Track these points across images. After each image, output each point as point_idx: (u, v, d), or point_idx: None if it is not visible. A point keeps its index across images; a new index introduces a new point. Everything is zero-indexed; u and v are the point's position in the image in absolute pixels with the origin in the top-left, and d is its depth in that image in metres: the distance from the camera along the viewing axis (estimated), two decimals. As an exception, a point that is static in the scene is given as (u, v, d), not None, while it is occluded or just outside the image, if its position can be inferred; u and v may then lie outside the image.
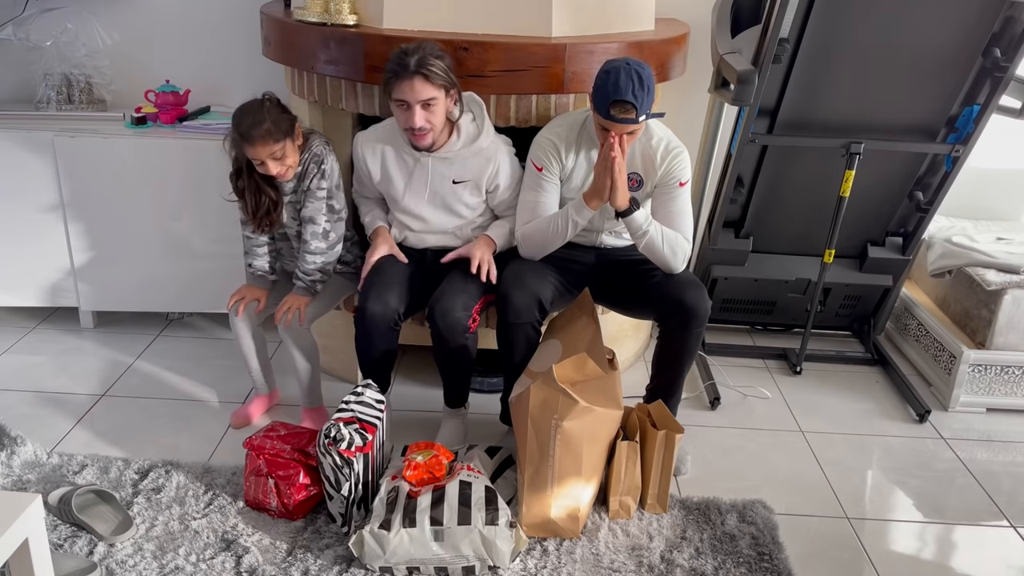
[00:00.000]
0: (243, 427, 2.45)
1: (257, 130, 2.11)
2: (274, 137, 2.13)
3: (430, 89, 2.09)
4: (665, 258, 2.19)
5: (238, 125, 2.13)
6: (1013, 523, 2.22)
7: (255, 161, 2.18)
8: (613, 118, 2.04)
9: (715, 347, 3.02)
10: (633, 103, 2.01)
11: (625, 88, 2.00)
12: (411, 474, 2.01)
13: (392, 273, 2.26)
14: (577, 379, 2.04)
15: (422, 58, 2.06)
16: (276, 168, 2.18)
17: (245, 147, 2.15)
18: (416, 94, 2.08)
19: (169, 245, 2.85)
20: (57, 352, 2.84)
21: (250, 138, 2.12)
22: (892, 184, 2.76)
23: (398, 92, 2.10)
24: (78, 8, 2.94)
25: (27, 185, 2.76)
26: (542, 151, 2.24)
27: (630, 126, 2.06)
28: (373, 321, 2.18)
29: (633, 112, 2.02)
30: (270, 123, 2.12)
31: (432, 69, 2.07)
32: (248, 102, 2.17)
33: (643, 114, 2.04)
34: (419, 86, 2.07)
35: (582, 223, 2.19)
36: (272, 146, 2.14)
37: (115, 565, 1.87)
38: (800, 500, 2.25)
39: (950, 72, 2.49)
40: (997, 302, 2.66)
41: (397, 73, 2.08)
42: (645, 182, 2.25)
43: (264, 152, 2.14)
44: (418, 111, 2.11)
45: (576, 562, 1.96)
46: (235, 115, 2.15)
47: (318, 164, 2.25)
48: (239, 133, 2.13)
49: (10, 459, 2.20)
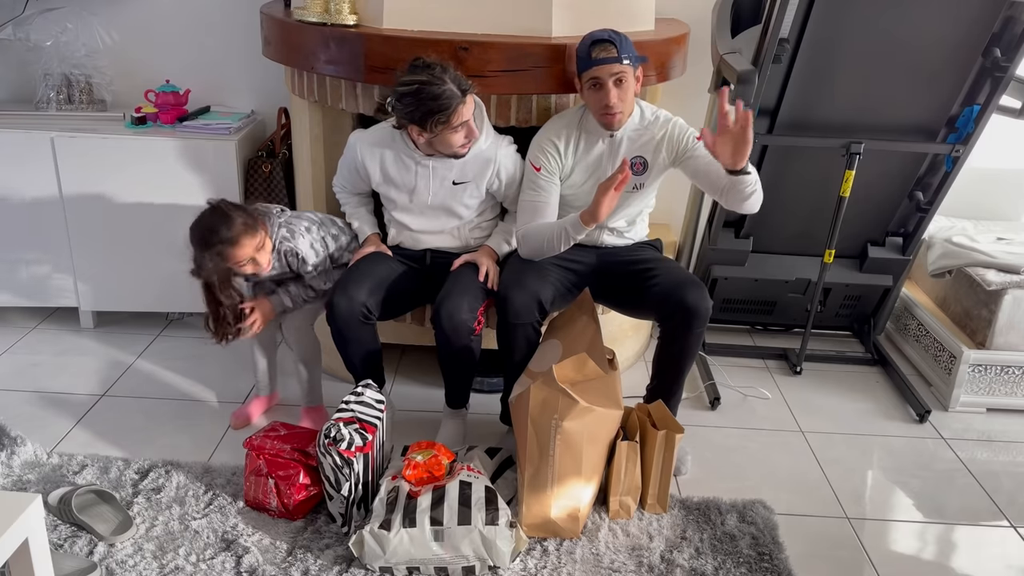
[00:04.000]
0: (243, 427, 2.45)
1: (235, 228, 2.07)
2: (252, 229, 2.11)
3: (473, 104, 2.15)
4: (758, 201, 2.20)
5: (216, 235, 2.06)
6: (1013, 523, 2.22)
7: (240, 264, 2.12)
8: (595, 60, 2.10)
9: (715, 347, 3.02)
10: (612, 40, 2.09)
11: (601, 32, 2.12)
12: (410, 473, 2.01)
13: (365, 270, 2.25)
14: (577, 379, 2.04)
15: (458, 76, 2.09)
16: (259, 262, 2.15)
17: (232, 252, 2.08)
18: (468, 112, 2.13)
19: (169, 245, 2.84)
20: (57, 352, 2.84)
21: (234, 241, 2.07)
22: (892, 184, 2.77)
23: (450, 121, 2.10)
24: (78, 8, 2.94)
25: (27, 185, 2.76)
26: (541, 151, 2.25)
27: (614, 67, 2.09)
28: (340, 316, 2.16)
29: (613, 51, 2.08)
30: (242, 217, 2.10)
31: (470, 87, 2.12)
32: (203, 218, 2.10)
33: (625, 54, 2.09)
34: (470, 104, 2.13)
35: (576, 239, 2.20)
36: (254, 237, 2.11)
37: (115, 565, 1.87)
38: (800, 500, 2.25)
39: (950, 72, 2.49)
40: (997, 302, 2.66)
41: (449, 100, 2.06)
42: (651, 164, 2.26)
43: (251, 247, 2.11)
44: (463, 130, 2.16)
45: (576, 562, 1.96)
46: (203, 232, 2.07)
47: (296, 256, 2.24)
48: (221, 241, 2.06)
49: (10, 459, 2.20)
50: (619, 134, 2.23)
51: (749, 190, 2.12)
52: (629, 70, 2.11)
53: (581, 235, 2.17)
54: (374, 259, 2.30)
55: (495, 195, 2.35)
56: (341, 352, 2.25)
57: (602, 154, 2.25)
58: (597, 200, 2.07)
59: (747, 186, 2.10)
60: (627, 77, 2.12)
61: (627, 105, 2.17)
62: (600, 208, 2.07)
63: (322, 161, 2.63)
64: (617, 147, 2.24)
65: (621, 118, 2.18)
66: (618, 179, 2.04)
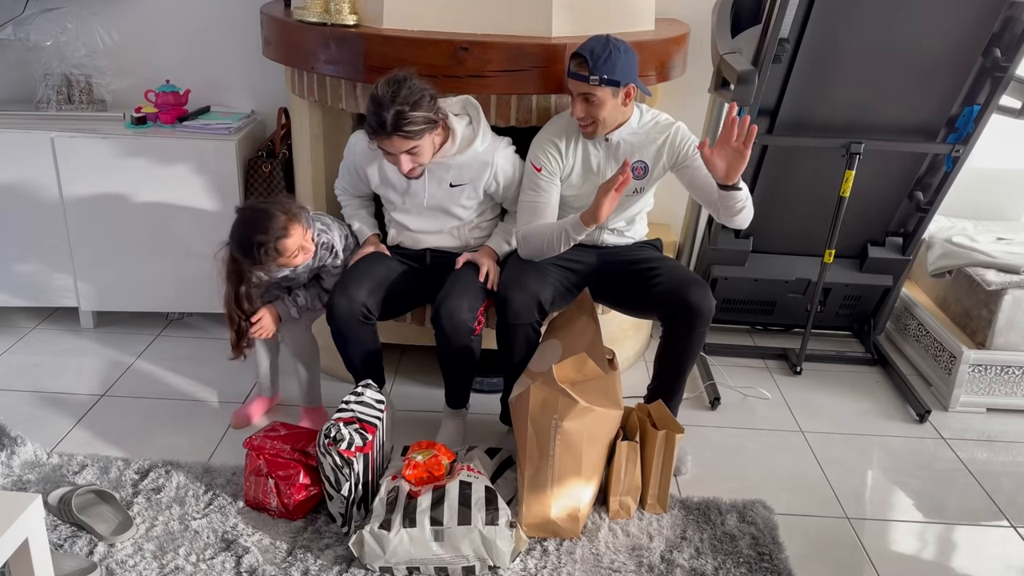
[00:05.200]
0: (243, 427, 2.45)
1: (280, 221, 2.07)
2: (296, 218, 2.12)
3: (409, 142, 2.09)
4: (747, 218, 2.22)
5: (267, 232, 2.06)
6: (1013, 523, 2.22)
7: (291, 254, 2.11)
8: (568, 72, 2.11)
9: (715, 347, 3.02)
10: (586, 58, 2.06)
11: (586, 45, 2.08)
12: (410, 473, 2.01)
13: (365, 270, 2.25)
14: (577, 379, 2.04)
15: (398, 114, 2.01)
16: (307, 249, 2.17)
17: (284, 244, 2.08)
18: (397, 148, 2.10)
19: (169, 245, 2.85)
20: (57, 352, 2.84)
21: (285, 233, 2.08)
22: (892, 184, 2.76)
23: (380, 145, 2.11)
24: (78, 8, 2.94)
25: (27, 185, 2.76)
26: (541, 151, 2.25)
27: (582, 85, 2.08)
28: (340, 316, 2.17)
29: (585, 69, 2.07)
30: (280, 208, 2.11)
31: (408, 128, 2.04)
32: (247, 214, 2.12)
33: (596, 75, 2.06)
34: (398, 143, 2.08)
35: (576, 240, 2.19)
36: (299, 225, 2.12)
37: (115, 565, 1.87)
38: (800, 500, 2.25)
39: (950, 72, 2.49)
40: (997, 302, 2.66)
41: (376, 131, 2.07)
42: (651, 168, 2.26)
43: (299, 236, 2.12)
44: (403, 158, 2.13)
45: (576, 562, 1.96)
46: (251, 231, 2.07)
47: (329, 250, 2.27)
48: (274, 236, 2.06)
49: (10, 459, 2.20)
50: (614, 137, 2.22)
51: (739, 206, 2.14)
52: (597, 90, 2.08)
53: (581, 235, 2.17)
54: (374, 259, 2.30)
55: (493, 196, 2.35)
56: (341, 352, 2.25)
57: (599, 156, 2.25)
58: (598, 201, 2.07)
59: (737, 202, 2.13)
60: (595, 96, 2.09)
61: (603, 119, 2.15)
62: (601, 209, 2.07)
63: (322, 161, 2.63)
64: (614, 150, 2.24)
65: (595, 130, 2.17)
66: (619, 180, 2.03)
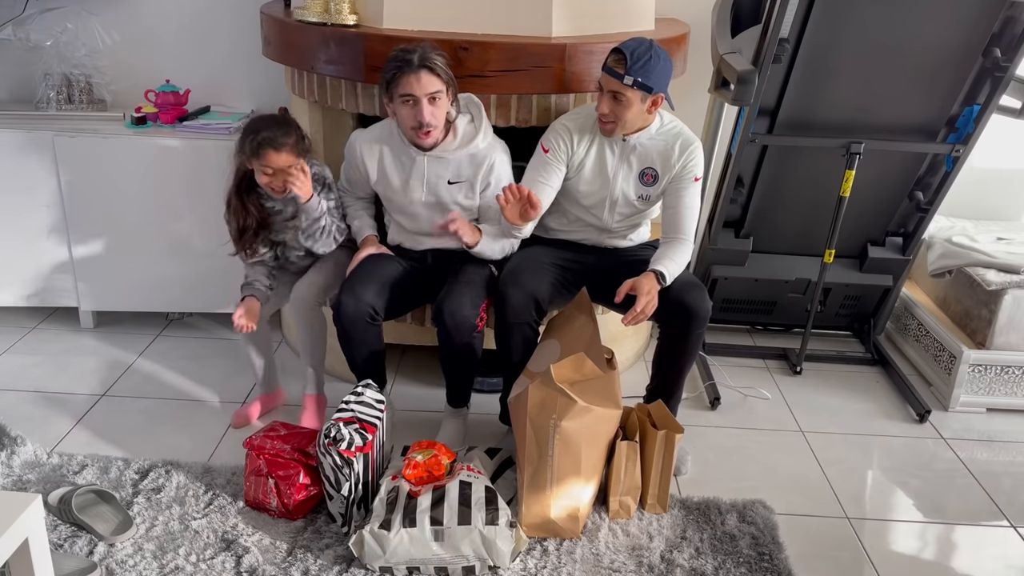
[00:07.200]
0: (243, 427, 2.45)
1: (287, 139, 2.14)
2: (296, 151, 2.16)
3: (436, 82, 2.10)
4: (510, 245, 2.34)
5: (263, 131, 2.13)
6: (1013, 523, 2.22)
7: (267, 170, 2.16)
8: (604, 66, 2.11)
9: (715, 347, 3.02)
10: (625, 56, 2.05)
11: (628, 44, 2.08)
12: (410, 473, 2.01)
13: (370, 270, 2.25)
14: (575, 379, 2.04)
15: (424, 54, 2.08)
16: (282, 184, 2.18)
17: (268, 153, 2.13)
18: (423, 87, 2.09)
19: (169, 245, 2.85)
20: (57, 352, 2.84)
21: (278, 144, 2.12)
22: (892, 184, 2.76)
23: (404, 87, 2.10)
24: (78, 8, 2.94)
25: (27, 185, 2.76)
26: (554, 134, 2.25)
27: (614, 82, 2.08)
28: (347, 316, 2.17)
29: (622, 66, 2.06)
30: (296, 137, 2.17)
31: (436, 63, 2.10)
32: (268, 114, 2.19)
33: (631, 74, 2.05)
34: (425, 79, 2.08)
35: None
36: (294, 160, 2.16)
37: (115, 565, 1.87)
38: (800, 500, 2.25)
39: (950, 72, 2.49)
40: (997, 302, 2.66)
41: (402, 68, 2.08)
42: (661, 177, 2.25)
43: (285, 161, 2.14)
44: (425, 105, 2.11)
45: (576, 562, 1.96)
46: (257, 123, 2.16)
47: (323, 182, 2.29)
48: (264, 138, 2.12)
49: (10, 459, 2.20)
50: (632, 140, 2.21)
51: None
52: (628, 91, 2.08)
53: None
54: (378, 260, 2.30)
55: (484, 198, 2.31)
56: (345, 352, 2.25)
57: (614, 156, 2.24)
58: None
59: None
60: (624, 96, 2.09)
61: (626, 120, 2.14)
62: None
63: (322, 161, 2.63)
64: (629, 152, 2.24)
65: (614, 129, 2.17)
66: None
